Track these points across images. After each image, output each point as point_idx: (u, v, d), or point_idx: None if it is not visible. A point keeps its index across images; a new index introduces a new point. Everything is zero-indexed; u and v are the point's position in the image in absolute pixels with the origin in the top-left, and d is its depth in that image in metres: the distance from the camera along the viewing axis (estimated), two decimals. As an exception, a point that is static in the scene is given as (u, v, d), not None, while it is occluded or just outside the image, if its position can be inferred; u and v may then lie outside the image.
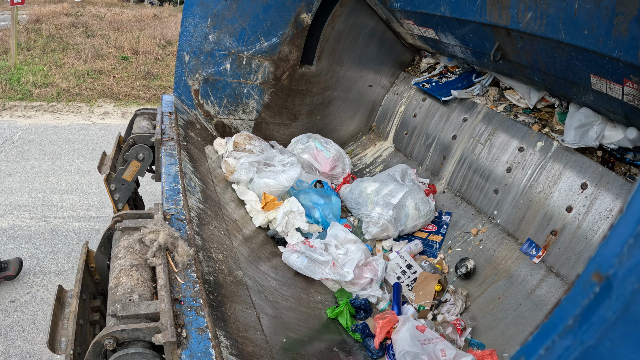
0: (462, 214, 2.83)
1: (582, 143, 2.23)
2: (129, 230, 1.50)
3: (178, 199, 1.80)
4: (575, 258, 2.13)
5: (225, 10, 2.85)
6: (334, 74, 3.57)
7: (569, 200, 2.24)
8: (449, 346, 1.90)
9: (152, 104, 7.11)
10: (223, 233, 2.10)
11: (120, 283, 1.27)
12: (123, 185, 2.44)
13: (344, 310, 2.14)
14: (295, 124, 3.58)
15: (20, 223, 3.66)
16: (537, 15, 1.99)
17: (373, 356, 2.00)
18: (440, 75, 3.49)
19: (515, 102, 2.82)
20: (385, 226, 2.67)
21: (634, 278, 0.36)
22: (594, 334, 0.39)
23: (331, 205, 2.76)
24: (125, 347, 1.10)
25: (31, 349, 2.58)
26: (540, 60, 2.21)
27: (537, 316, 2.11)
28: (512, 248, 2.44)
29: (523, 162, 2.55)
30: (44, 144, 5.17)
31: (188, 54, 2.90)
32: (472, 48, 2.69)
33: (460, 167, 2.97)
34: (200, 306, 1.26)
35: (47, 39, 9.51)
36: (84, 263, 1.49)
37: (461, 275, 2.46)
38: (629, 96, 1.84)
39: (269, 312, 1.86)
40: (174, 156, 2.16)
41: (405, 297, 2.40)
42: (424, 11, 2.76)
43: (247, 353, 1.40)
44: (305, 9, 3.06)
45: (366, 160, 3.74)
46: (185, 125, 2.80)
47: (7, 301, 2.89)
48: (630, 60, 1.63)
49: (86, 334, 1.35)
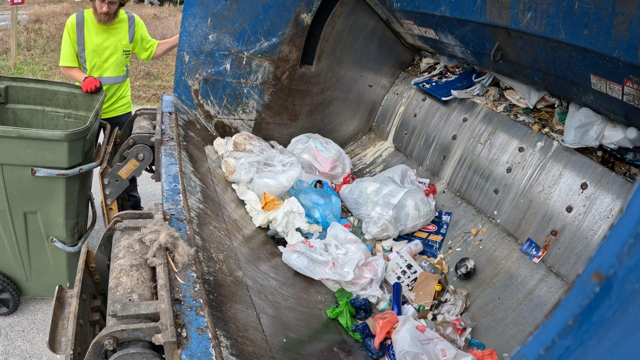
0: (462, 214, 2.83)
1: (582, 143, 2.23)
2: (129, 230, 1.50)
3: (178, 199, 1.80)
4: (575, 258, 2.13)
5: (225, 10, 2.85)
6: (334, 74, 3.57)
7: (569, 200, 2.24)
8: (449, 346, 1.90)
9: (152, 104, 7.11)
10: (223, 233, 2.10)
11: (120, 283, 1.27)
12: (117, 182, 2.45)
13: (344, 310, 2.14)
14: (295, 124, 3.58)
15: (20, 223, 3.66)
16: (537, 15, 1.99)
17: (373, 356, 2.00)
18: (440, 75, 3.49)
19: (515, 102, 2.82)
20: (385, 226, 2.67)
21: (634, 278, 0.36)
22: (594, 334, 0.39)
23: (331, 205, 2.76)
24: (125, 347, 1.10)
25: (31, 349, 2.58)
26: (540, 60, 2.21)
27: (537, 316, 2.11)
28: (512, 248, 2.44)
29: (523, 162, 2.55)
30: (44, 144, 5.15)
31: (188, 54, 2.90)
32: (472, 48, 2.69)
33: (460, 167, 2.97)
34: (200, 306, 1.26)
35: (47, 39, 9.51)
36: (84, 263, 1.49)
37: (461, 275, 2.46)
38: (628, 96, 1.84)
39: (269, 312, 1.86)
40: (174, 156, 2.16)
41: (405, 297, 2.40)
42: (424, 11, 2.76)
43: (247, 353, 1.40)
44: (305, 9, 3.06)
45: (366, 160, 3.74)
46: (185, 125, 2.80)
47: (7, 301, 2.89)
48: (630, 60, 1.63)
49: (86, 334, 1.36)
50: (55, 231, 2.54)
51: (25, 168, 2.27)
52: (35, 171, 2.25)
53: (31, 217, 2.47)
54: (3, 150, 2.20)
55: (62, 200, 2.42)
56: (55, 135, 2.20)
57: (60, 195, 2.40)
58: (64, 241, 2.57)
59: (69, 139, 2.24)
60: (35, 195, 2.38)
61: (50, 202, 2.42)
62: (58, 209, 2.45)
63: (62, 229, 2.53)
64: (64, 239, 2.57)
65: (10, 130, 2.15)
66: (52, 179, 2.33)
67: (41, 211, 2.45)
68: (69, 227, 2.55)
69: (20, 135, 2.16)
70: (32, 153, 2.23)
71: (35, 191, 2.36)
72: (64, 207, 2.45)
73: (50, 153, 2.25)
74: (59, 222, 2.50)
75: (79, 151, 2.36)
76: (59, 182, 2.36)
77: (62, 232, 2.54)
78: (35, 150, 2.22)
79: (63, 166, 2.31)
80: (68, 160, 2.30)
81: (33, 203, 2.41)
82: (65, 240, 2.57)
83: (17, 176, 2.30)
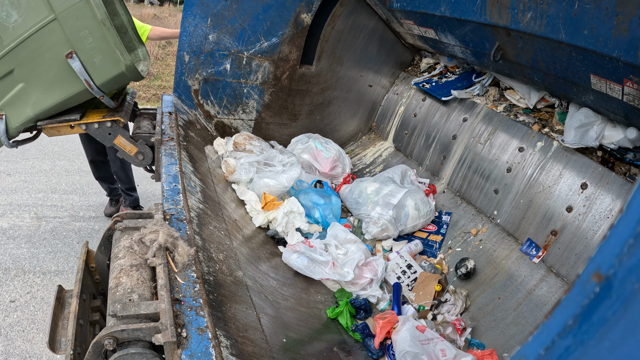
0: (462, 214, 2.83)
1: (582, 143, 2.23)
2: (129, 230, 1.50)
3: (178, 199, 1.80)
4: (575, 258, 2.13)
5: (225, 10, 2.85)
6: (334, 74, 3.57)
7: (569, 200, 2.24)
8: (449, 346, 1.90)
9: (152, 104, 7.11)
10: (223, 233, 2.10)
11: (120, 283, 1.27)
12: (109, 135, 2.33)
13: (344, 310, 2.14)
14: (295, 124, 3.58)
15: (20, 223, 3.66)
16: (537, 15, 1.99)
17: (373, 356, 2.00)
18: (440, 75, 3.49)
19: (515, 102, 2.82)
20: (385, 226, 2.67)
21: (634, 278, 0.36)
22: (594, 334, 0.39)
23: (331, 205, 2.76)
24: (125, 347, 1.10)
25: (31, 349, 2.58)
26: (540, 60, 2.21)
27: (537, 316, 2.11)
28: (512, 248, 2.44)
29: (523, 162, 2.55)
30: (44, 143, 5.16)
31: (188, 54, 2.90)
32: (472, 48, 2.69)
33: (460, 167, 2.97)
34: (200, 306, 1.26)
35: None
36: (84, 263, 1.49)
37: (461, 275, 2.46)
38: (628, 96, 1.84)
39: (269, 312, 1.86)
40: (174, 156, 2.16)
41: (405, 297, 2.40)
42: (424, 11, 2.76)
43: (247, 353, 1.40)
44: (305, 9, 3.06)
45: (366, 160, 3.74)
46: (185, 125, 2.80)
47: (7, 301, 2.89)
48: (630, 60, 1.63)
49: (86, 334, 1.35)
50: (15, 113, 2.17)
51: (68, 45, 1.99)
52: (71, 57, 1.99)
53: (9, 79, 2.11)
54: (76, 16, 1.93)
55: (56, 99, 2.11)
56: (123, 57, 2.03)
57: (61, 95, 2.11)
58: (9, 131, 2.22)
59: (128, 70, 2.08)
60: (40, 70, 2.07)
61: (46, 88, 2.10)
62: (44, 99, 2.12)
63: (23, 118, 2.18)
64: (13, 129, 2.22)
65: (102, 15, 1.94)
66: (71, 76, 2.05)
67: (27, 84, 2.11)
68: (28, 122, 2.21)
69: (102, 21, 1.95)
70: (90, 43, 1.99)
71: (44, 67, 2.06)
72: (53, 104, 2.14)
73: (102, 61, 2.03)
74: (28, 111, 2.15)
75: (114, 87, 2.19)
76: (74, 85, 2.08)
77: (18, 121, 2.18)
78: (95, 43, 1.98)
79: (96, 80, 2.08)
80: (104, 81, 2.09)
81: (28, 73, 2.08)
82: (11, 132, 2.23)
83: (52, 42, 1.99)
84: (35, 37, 1.99)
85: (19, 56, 2.03)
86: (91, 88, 2.10)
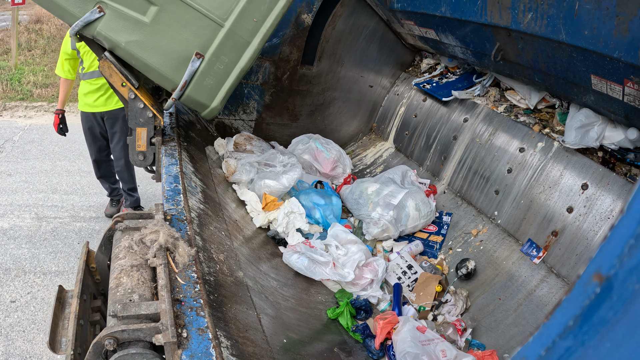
0: (462, 215, 2.83)
1: (583, 144, 2.23)
2: (130, 231, 1.50)
3: (179, 200, 1.80)
4: (576, 259, 2.13)
5: (225, 11, 2.85)
6: (334, 75, 3.57)
7: (569, 201, 2.24)
8: (449, 347, 1.90)
9: (153, 105, 7.10)
10: (224, 233, 2.10)
11: (120, 283, 1.27)
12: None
13: (344, 311, 2.14)
14: (296, 125, 3.58)
15: (20, 223, 3.67)
16: (538, 16, 1.99)
17: (373, 357, 2.00)
18: (441, 76, 3.49)
19: (516, 102, 2.82)
20: (386, 227, 2.67)
21: (634, 279, 0.36)
22: (594, 334, 0.39)
23: (332, 206, 2.76)
24: (125, 348, 1.10)
25: (31, 349, 2.58)
26: (541, 61, 2.21)
27: (538, 317, 2.11)
28: (512, 249, 2.44)
29: (524, 162, 2.54)
30: (44, 144, 5.17)
31: (189, 55, 2.90)
32: (472, 48, 2.69)
33: (461, 167, 2.97)
34: (200, 306, 1.26)
35: (48, 40, 9.52)
36: (84, 263, 1.49)
37: (462, 275, 2.45)
38: (629, 97, 1.84)
39: (270, 312, 1.86)
40: (175, 156, 2.16)
41: (406, 297, 2.40)
42: (424, 12, 2.76)
43: (247, 353, 1.40)
44: (306, 10, 3.06)
45: (367, 160, 3.74)
46: (186, 126, 2.80)
47: (8, 301, 2.89)
48: (631, 61, 1.63)
49: (86, 334, 1.36)
50: (117, 30, 2.02)
51: (204, 49, 2.01)
52: (198, 58, 2.01)
53: (145, 5, 2.00)
54: (234, 43, 1.98)
55: (150, 61, 2.04)
56: (219, 101, 2.08)
57: (155, 64, 2.06)
58: (96, 28, 2.04)
59: (210, 110, 2.12)
60: (171, 32, 2.01)
61: (154, 46, 2.03)
62: (144, 50, 2.04)
63: (114, 37, 2.03)
64: (98, 31, 2.03)
65: (246, 64, 1.98)
66: (180, 65, 2.05)
67: (152, 27, 2.01)
68: (115, 42, 2.05)
69: (241, 67, 2.02)
70: (217, 67, 2.02)
71: (173, 35, 2.01)
72: (144, 61, 2.05)
73: (207, 86, 2.06)
74: (122, 37, 2.03)
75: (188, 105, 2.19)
76: (172, 71, 2.04)
77: (110, 33, 2.03)
78: (220, 72, 2.02)
79: (189, 90, 2.07)
80: (191, 97, 2.09)
81: (165, 22, 2.00)
82: (95, 30, 2.05)
83: (199, 32, 1.98)
84: (194, 13, 1.98)
85: (170, 4, 1.99)
86: (179, 89, 2.09)
